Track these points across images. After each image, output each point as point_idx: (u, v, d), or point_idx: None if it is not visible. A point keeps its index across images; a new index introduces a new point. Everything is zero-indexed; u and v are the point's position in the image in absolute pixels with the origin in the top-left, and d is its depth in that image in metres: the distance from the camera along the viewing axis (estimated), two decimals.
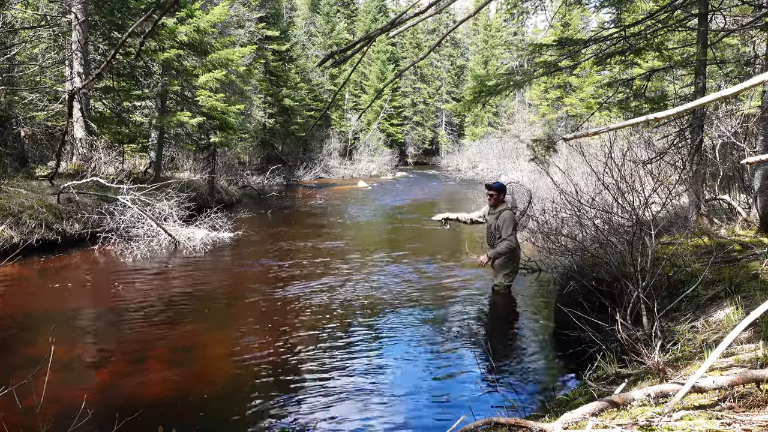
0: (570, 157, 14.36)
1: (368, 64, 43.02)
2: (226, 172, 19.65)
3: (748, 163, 1.78)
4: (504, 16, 40.20)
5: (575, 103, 24.11)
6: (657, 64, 9.76)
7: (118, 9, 11.75)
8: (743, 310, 3.33)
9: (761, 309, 1.62)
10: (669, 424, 1.98)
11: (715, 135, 7.80)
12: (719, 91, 1.47)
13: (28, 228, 8.52)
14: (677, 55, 8.68)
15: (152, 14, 2.34)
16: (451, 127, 47.82)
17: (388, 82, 3.75)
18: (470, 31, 52.14)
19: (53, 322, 5.56)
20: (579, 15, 26.54)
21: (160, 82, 12.79)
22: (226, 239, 9.92)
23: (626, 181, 4.62)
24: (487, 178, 23.42)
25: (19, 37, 11.92)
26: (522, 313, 6.11)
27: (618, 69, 11.09)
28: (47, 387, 3.11)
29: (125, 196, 9.51)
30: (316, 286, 6.97)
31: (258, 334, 5.26)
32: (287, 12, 32.00)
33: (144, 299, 6.38)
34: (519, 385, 4.16)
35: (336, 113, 35.62)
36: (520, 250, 6.30)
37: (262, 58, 23.55)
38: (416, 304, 6.23)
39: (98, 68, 11.87)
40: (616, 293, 3.98)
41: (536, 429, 2.08)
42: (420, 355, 4.79)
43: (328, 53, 2.47)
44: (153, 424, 3.40)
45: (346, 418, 3.66)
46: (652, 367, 2.84)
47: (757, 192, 5.74)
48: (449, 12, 47.49)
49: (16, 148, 11.86)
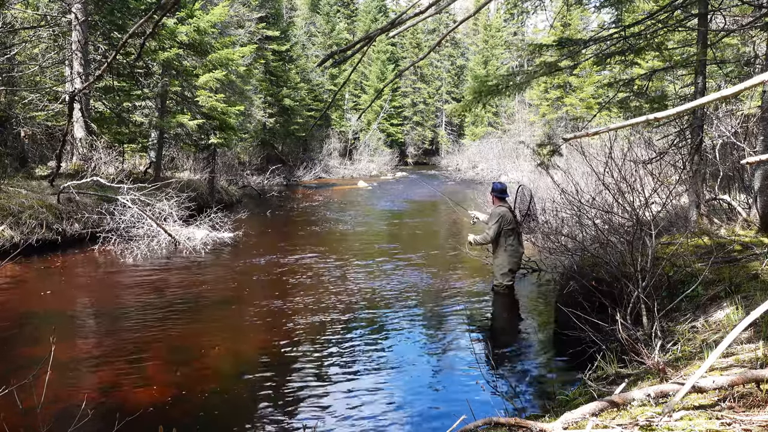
0: (570, 157, 14.36)
1: (368, 64, 43.02)
2: (226, 172, 19.65)
3: (748, 163, 1.78)
4: (504, 16, 40.23)
5: (575, 103, 24.10)
6: (657, 64, 9.77)
7: (118, 9, 11.74)
8: (743, 310, 3.33)
9: (761, 309, 1.62)
10: (669, 424, 1.98)
11: (715, 135, 7.80)
12: (719, 91, 1.47)
13: (28, 228, 8.52)
14: (677, 55, 8.68)
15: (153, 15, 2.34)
16: (451, 127, 47.81)
17: (388, 82, 3.75)
18: (470, 31, 52.12)
19: (53, 322, 5.56)
20: (579, 15, 26.53)
21: (160, 83, 12.79)
22: (226, 239, 9.92)
23: (626, 181, 4.62)
24: (488, 178, 23.43)
25: (19, 37, 11.92)
26: (522, 313, 6.11)
27: (618, 69, 11.09)
28: (47, 387, 3.11)
29: (125, 196, 9.51)
30: (316, 285, 6.97)
31: (258, 334, 5.26)
32: (287, 12, 31.99)
33: (144, 299, 6.38)
34: (519, 385, 4.16)
35: (336, 113, 35.61)
36: (520, 250, 6.31)
37: (262, 58, 23.55)
38: (416, 304, 6.23)
39: (98, 68, 11.88)
40: (616, 293, 3.98)
41: (536, 429, 2.08)
42: (420, 355, 4.79)
43: (328, 53, 2.47)
44: (153, 424, 3.40)
45: (346, 418, 3.66)
46: (652, 367, 2.84)
47: (757, 192, 5.73)
48: (449, 12, 47.46)
49: (16, 148, 11.86)
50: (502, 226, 6.13)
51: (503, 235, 6.18)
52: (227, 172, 19.72)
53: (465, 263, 8.24)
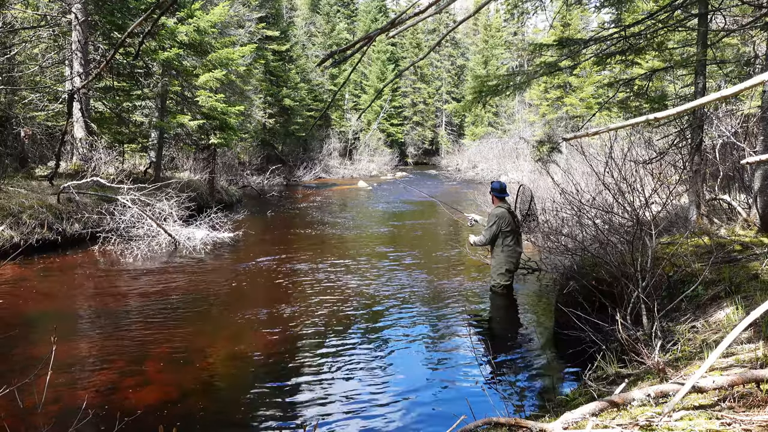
0: (570, 157, 14.37)
1: (368, 64, 43.01)
2: (226, 172, 19.65)
3: (748, 163, 1.78)
4: (504, 16, 40.18)
5: (575, 103, 24.09)
6: (657, 64, 9.76)
7: (118, 9, 11.74)
8: (743, 310, 3.33)
9: (761, 309, 1.62)
10: (669, 424, 1.98)
11: (715, 135, 7.79)
12: (719, 91, 1.47)
13: (28, 228, 8.52)
14: (677, 55, 8.67)
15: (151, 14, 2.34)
16: (451, 127, 47.80)
17: (388, 82, 3.75)
18: (470, 31, 52.11)
19: (53, 323, 5.56)
20: (579, 15, 26.52)
21: (160, 82, 12.79)
22: (226, 239, 9.92)
23: (626, 181, 4.62)
24: (488, 178, 23.43)
25: (19, 37, 11.91)
26: (522, 313, 6.11)
27: (618, 69, 11.08)
28: (48, 387, 3.11)
29: (125, 196, 9.51)
30: (316, 286, 6.97)
31: (258, 333, 5.26)
32: (287, 12, 31.98)
33: (144, 299, 6.38)
34: (519, 385, 4.16)
35: (336, 113, 35.60)
36: (518, 250, 6.31)
37: (262, 58, 23.54)
38: (416, 304, 6.23)
39: (98, 68, 11.87)
40: (616, 293, 3.98)
41: (536, 429, 2.08)
42: (420, 355, 4.79)
43: (328, 53, 2.47)
44: (153, 423, 3.40)
45: (346, 418, 3.66)
46: (652, 367, 2.84)
47: (757, 192, 5.73)
48: (449, 12, 47.46)
49: (16, 148, 11.86)
50: (501, 227, 6.14)
51: (500, 236, 6.18)
52: (227, 172, 19.72)
53: (465, 263, 8.24)
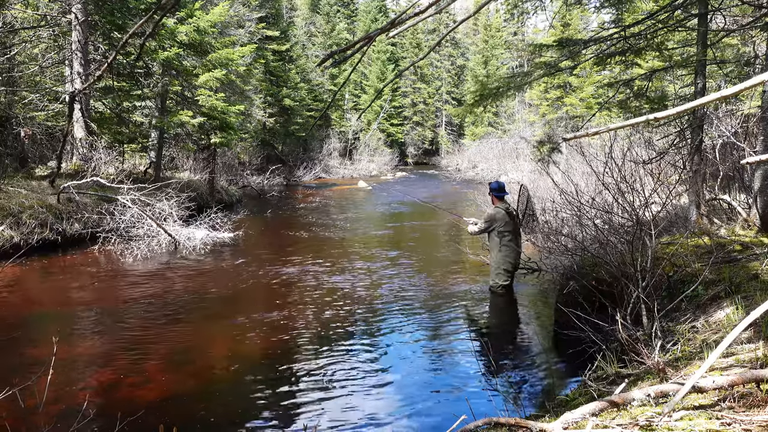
0: (570, 157, 14.37)
1: (368, 64, 43.00)
2: (226, 172, 19.64)
3: (748, 163, 1.78)
4: (504, 16, 40.19)
5: (575, 103, 24.09)
6: (657, 65, 9.76)
7: (118, 9, 11.74)
8: (743, 310, 3.33)
9: (761, 309, 1.62)
10: (669, 424, 1.98)
11: (715, 135, 7.80)
12: (719, 91, 1.48)
13: (29, 228, 8.52)
14: (677, 55, 8.68)
15: (153, 15, 2.34)
16: (451, 127, 47.79)
17: (388, 82, 3.76)
18: (470, 31, 52.09)
19: (54, 322, 5.57)
20: (579, 15, 26.52)
21: (160, 82, 12.79)
22: (226, 239, 9.92)
23: (626, 181, 4.62)
24: (488, 178, 23.43)
25: (19, 37, 11.91)
26: (522, 313, 6.11)
27: (618, 69, 11.08)
28: (49, 387, 3.11)
29: (125, 196, 9.51)
30: (316, 286, 6.98)
31: (258, 334, 5.26)
32: (287, 12, 31.98)
33: (144, 299, 6.38)
34: (519, 385, 4.16)
35: (336, 113, 35.60)
36: (518, 250, 6.31)
37: (262, 58, 23.54)
38: (416, 304, 6.24)
39: (98, 68, 11.88)
40: (616, 293, 3.98)
41: (536, 429, 2.08)
42: (420, 355, 4.79)
43: (328, 53, 2.47)
44: (154, 423, 3.40)
45: (346, 417, 3.66)
46: (652, 367, 2.84)
47: (757, 192, 5.74)
48: (449, 12, 47.45)
49: (16, 148, 11.86)
50: (493, 226, 6.25)
51: (498, 235, 6.19)
52: (227, 172, 19.71)
53: (465, 264, 8.24)
